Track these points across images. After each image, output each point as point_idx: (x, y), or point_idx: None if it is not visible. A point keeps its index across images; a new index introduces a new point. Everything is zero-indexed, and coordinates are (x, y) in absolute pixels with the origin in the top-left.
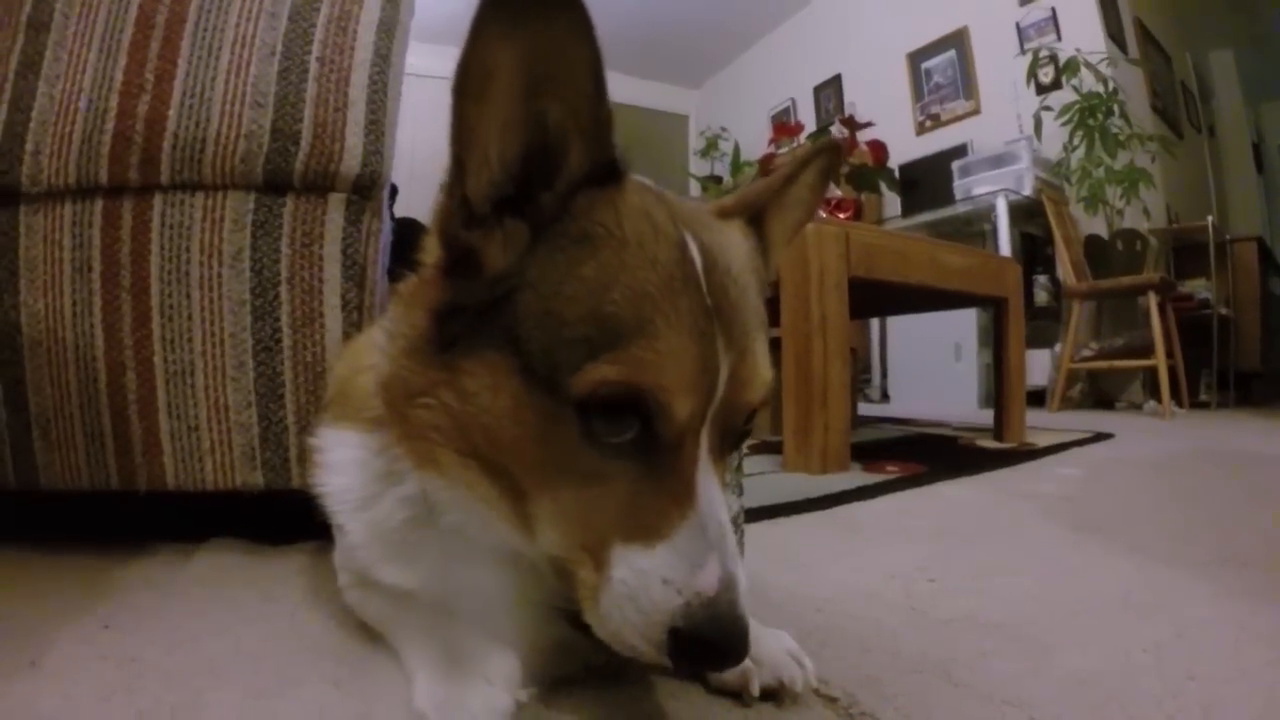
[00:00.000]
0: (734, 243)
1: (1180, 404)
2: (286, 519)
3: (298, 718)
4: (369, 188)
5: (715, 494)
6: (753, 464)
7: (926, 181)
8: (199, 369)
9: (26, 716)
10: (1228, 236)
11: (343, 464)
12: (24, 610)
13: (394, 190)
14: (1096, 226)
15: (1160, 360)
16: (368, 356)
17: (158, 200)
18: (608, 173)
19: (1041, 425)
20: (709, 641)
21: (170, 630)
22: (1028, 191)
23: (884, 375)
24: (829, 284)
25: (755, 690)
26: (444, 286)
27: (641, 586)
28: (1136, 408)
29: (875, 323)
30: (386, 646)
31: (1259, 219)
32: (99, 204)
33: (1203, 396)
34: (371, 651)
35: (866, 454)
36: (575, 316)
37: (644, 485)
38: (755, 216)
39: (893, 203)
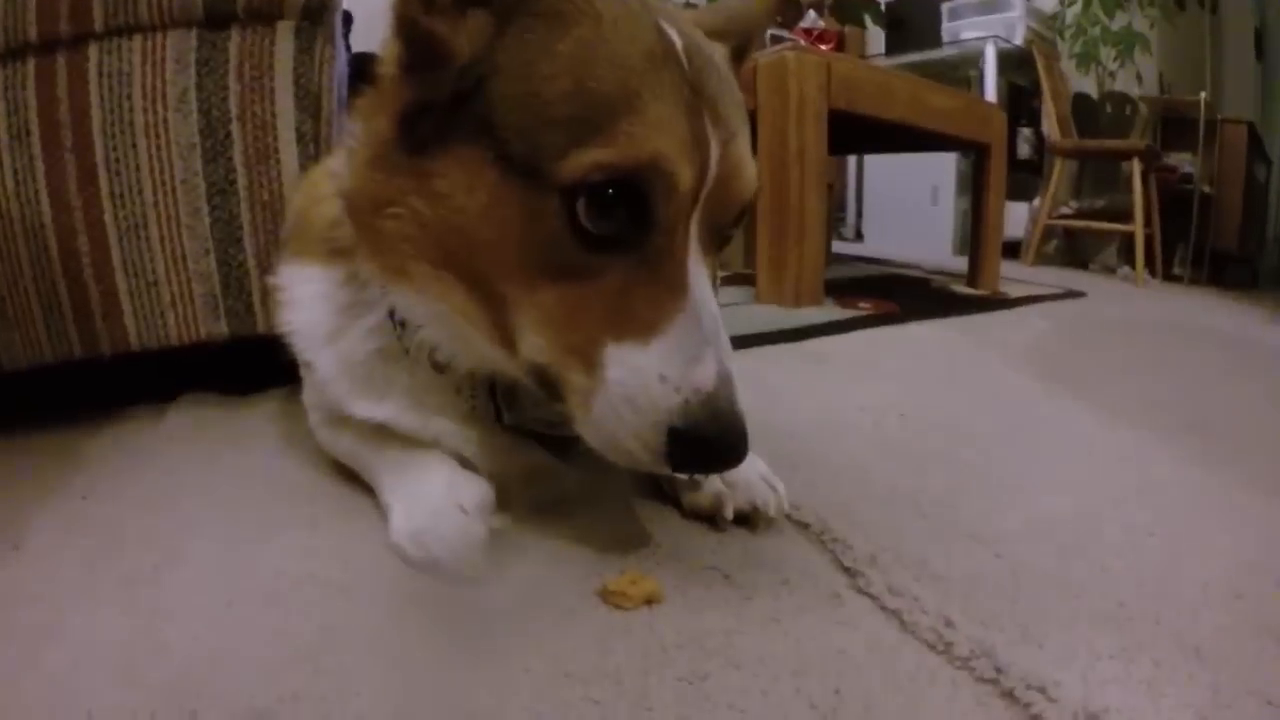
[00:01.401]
0: (708, 40)
1: (1153, 274)
2: (255, 367)
3: (277, 561)
4: (319, 11)
5: (707, 286)
6: (726, 295)
7: (913, 20)
8: (152, 221)
9: (16, 600)
10: (1219, 116)
11: (306, 299)
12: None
13: (348, 18)
14: (1086, 86)
15: (1138, 227)
16: (325, 186)
17: (93, 50)
18: None
19: (1014, 277)
20: (709, 441)
21: (148, 491)
22: (1018, 41)
23: (859, 214)
24: (808, 114)
25: (729, 514)
26: (408, 85)
27: (639, 385)
28: (1110, 271)
29: (852, 161)
30: (361, 485)
31: (1252, 104)
32: (30, 64)
33: (1176, 270)
34: (346, 491)
35: (840, 290)
36: (556, 95)
37: (635, 277)
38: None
39: (877, 40)
